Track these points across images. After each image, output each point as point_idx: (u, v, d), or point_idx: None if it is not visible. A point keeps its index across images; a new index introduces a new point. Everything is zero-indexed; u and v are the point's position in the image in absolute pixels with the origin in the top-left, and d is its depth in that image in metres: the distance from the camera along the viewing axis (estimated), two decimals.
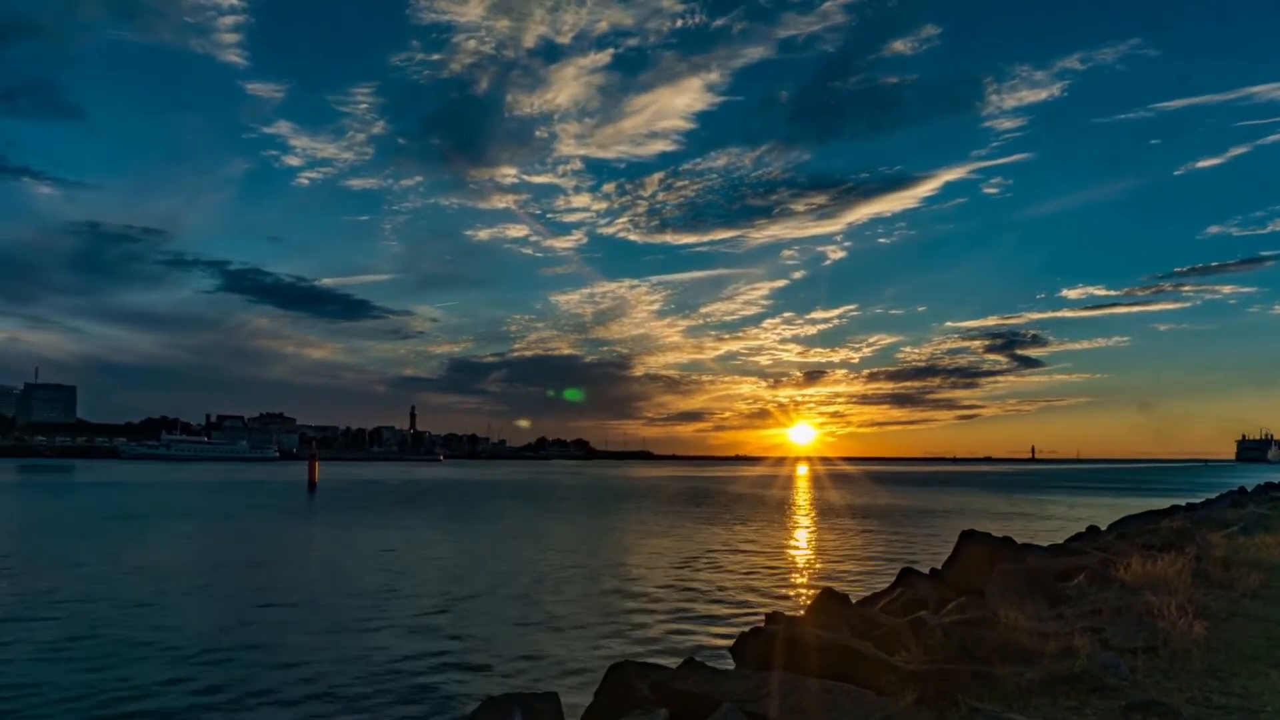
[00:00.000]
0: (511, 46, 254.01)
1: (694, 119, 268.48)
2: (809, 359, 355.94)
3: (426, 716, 12.30)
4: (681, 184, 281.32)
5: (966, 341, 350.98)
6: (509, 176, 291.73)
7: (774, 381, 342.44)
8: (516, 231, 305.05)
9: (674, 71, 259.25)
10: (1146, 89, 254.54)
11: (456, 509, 58.43)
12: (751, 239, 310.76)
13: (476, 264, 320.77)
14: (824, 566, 29.38)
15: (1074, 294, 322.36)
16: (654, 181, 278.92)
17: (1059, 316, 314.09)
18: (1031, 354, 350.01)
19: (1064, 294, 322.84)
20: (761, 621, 8.74)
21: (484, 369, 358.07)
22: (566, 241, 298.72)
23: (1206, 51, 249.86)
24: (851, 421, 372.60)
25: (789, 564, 30.15)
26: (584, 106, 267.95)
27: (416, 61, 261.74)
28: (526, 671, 14.52)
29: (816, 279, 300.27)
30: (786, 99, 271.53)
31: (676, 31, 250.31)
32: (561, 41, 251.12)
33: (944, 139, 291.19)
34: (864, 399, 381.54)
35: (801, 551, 34.56)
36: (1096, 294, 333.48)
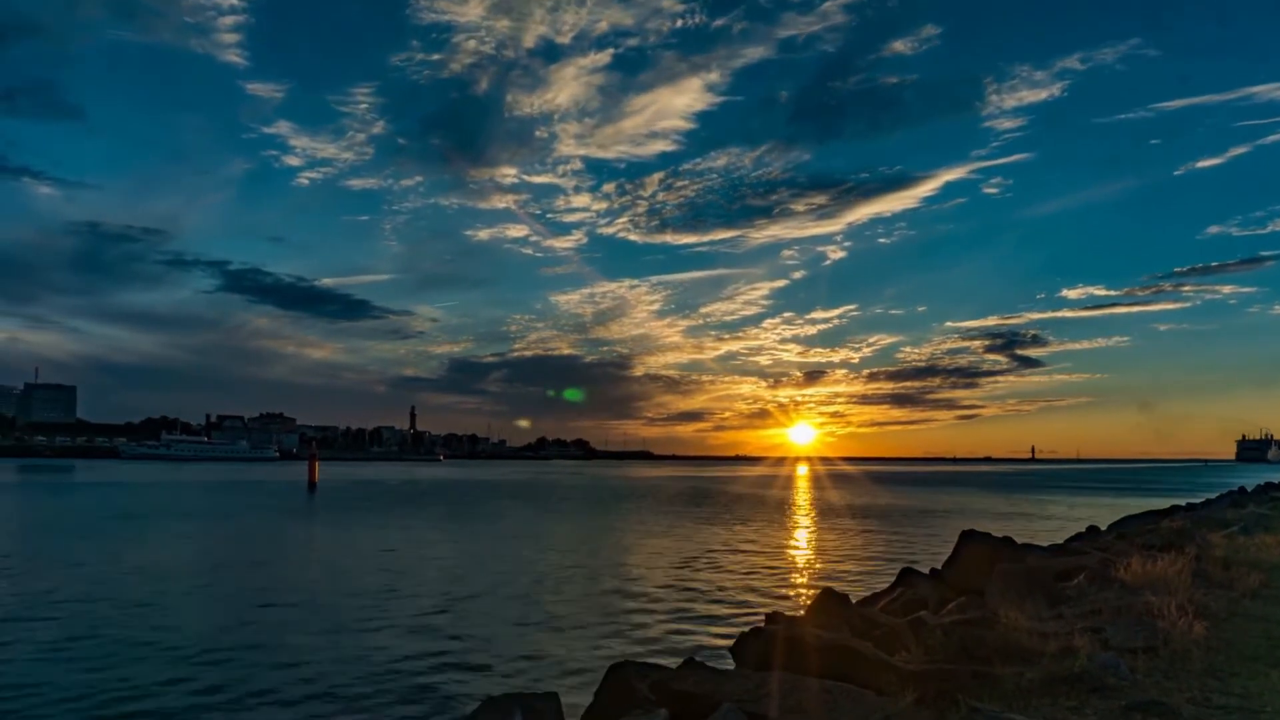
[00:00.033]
0: (511, 46, 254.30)
1: (694, 119, 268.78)
2: (809, 359, 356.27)
3: (427, 716, 12.30)
4: (681, 184, 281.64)
5: (966, 341, 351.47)
6: (509, 176, 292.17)
7: (774, 381, 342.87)
8: (516, 231, 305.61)
9: (674, 71, 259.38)
10: (1146, 89, 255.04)
11: (457, 509, 58.43)
12: (751, 239, 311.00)
13: (476, 264, 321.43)
14: (824, 566, 29.38)
15: (1074, 294, 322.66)
16: (654, 181, 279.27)
17: (1059, 316, 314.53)
18: (1031, 354, 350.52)
19: (1064, 294, 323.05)
20: (761, 621, 8.75)
21: (484, 369, 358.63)
22: (566, 241, 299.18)
23: (1206, 51, 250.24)
24: (851, 421, 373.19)
25: (789, 564, 30.15)
26: (584, 106, 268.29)
27: (416, 61, 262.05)
28: (526, 671, 14.52)
29: (816, 279, 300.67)
30: (786, 99, 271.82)
31: (676, 31, 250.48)
32: (561, 41, 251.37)
33: (944, 139, 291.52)
34: (864, 399, 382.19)
35: (801, 551, 34.56)
36: (1096, 294, 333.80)
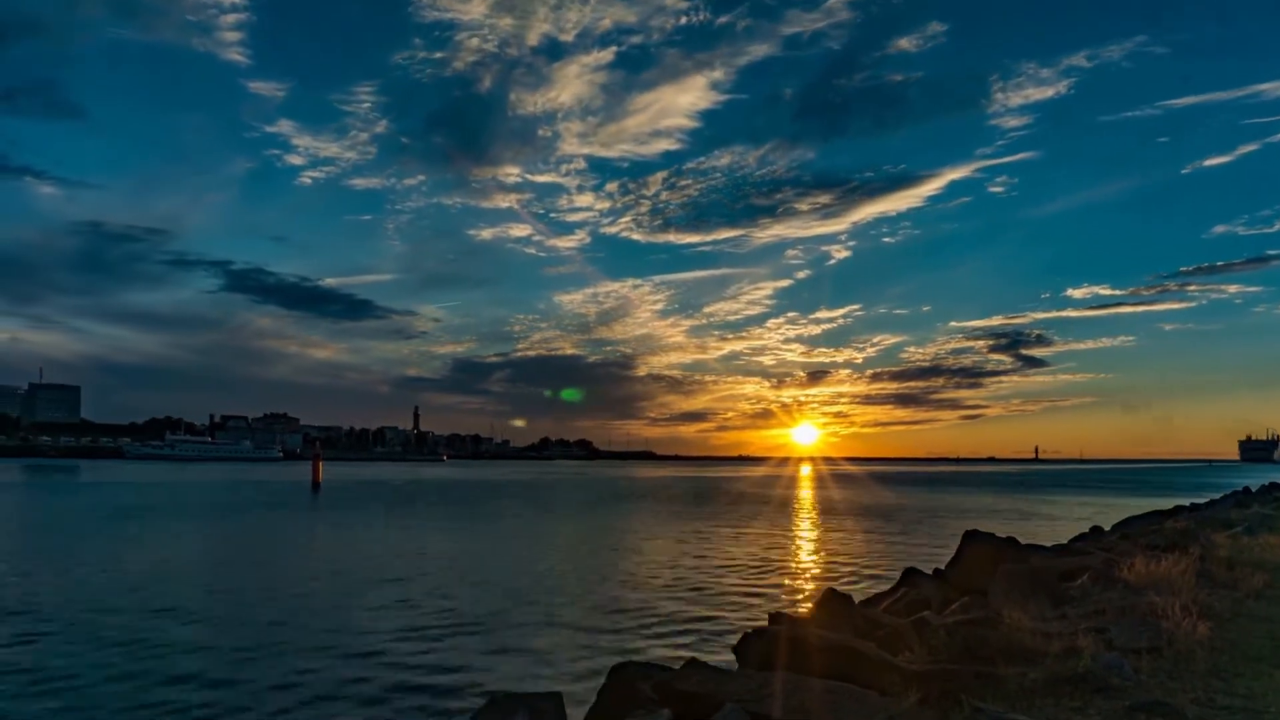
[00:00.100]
0: (514, 44, 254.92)
1: (698, 117, 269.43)
2: (813, 359, 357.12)
3: (430, 716, 12.31)
4: (685, 183, 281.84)
5: (971, 341, 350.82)
6: (512, 176, 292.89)
7: (777, 381, 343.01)
8: (519, 231, 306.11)
9: (678, 69, 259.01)
10: (1154, 87, 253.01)
11: (460, 509, 58.47)
12: (755, 238, 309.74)
13: (479, 264, 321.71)
14: (827, 566, 29.37)
15: (1079, 293, 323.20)
16: (657, 180, 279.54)
17: (1064, 316, 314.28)
18: (1036, 354, 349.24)
19: (1069, 293, 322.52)
20: (764, 621, 8.74)
21: (487, 369, 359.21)
22: (569, 241, 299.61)
23: (1214, 49, 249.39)
24: (855, 422, 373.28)
25: (792, 564, 30.14)
26: (587, 105, 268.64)
27: (419, 60, 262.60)
28: (529, 671, 14.52)
29: (820, 279, 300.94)
30: (791, 97, 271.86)
31: (680, 29, 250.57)
32: (565, 39, 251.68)
33: (949, 137, 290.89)
34: (868, 399, 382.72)
35: (804, 551, 34.53)
36: (1101, 293, 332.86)
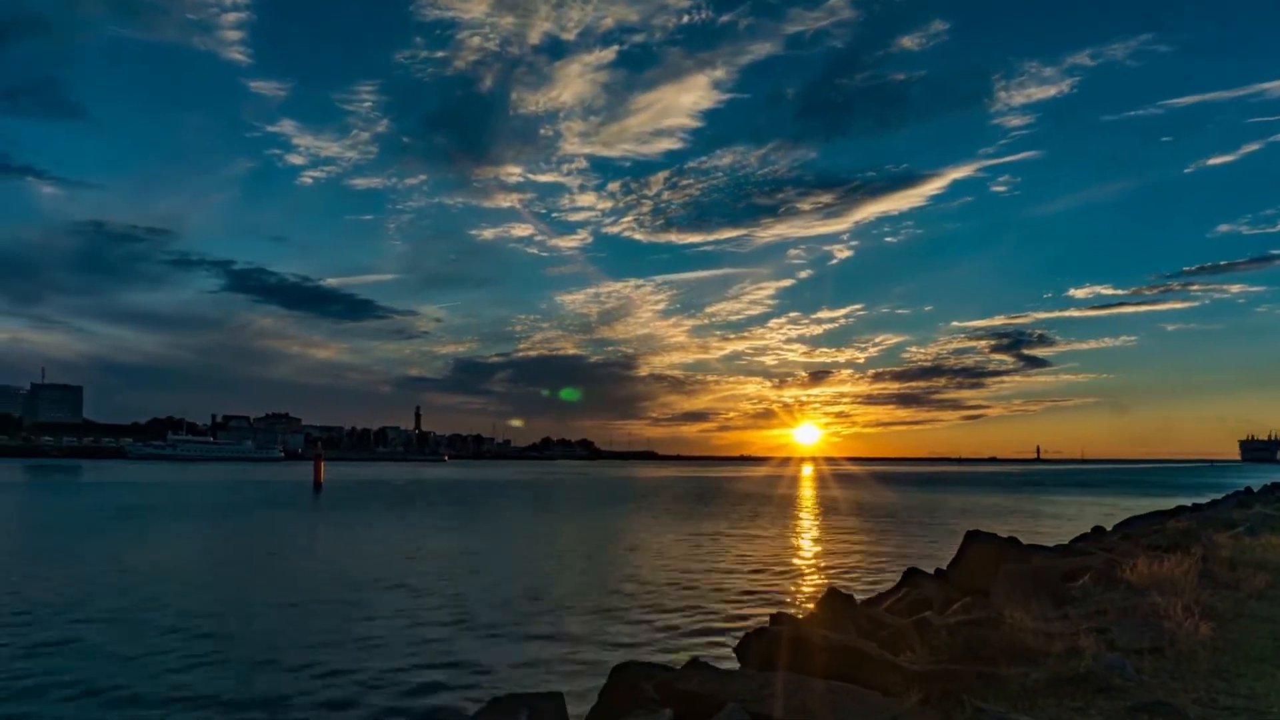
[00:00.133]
0: (516, 43, 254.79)
1: (700, 116, 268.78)
2: (814, 359, 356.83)
3: (432, 716, 12.32)
4: (687, 183, 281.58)
5: (972, 341, 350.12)
6: (513, 175, 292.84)
7: (779, 381, 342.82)
8: (521, 231, 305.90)
9: (680, 68, 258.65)
10: (1157, 85, 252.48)
11: (461, 509, 58.51)
12: (757, 238, 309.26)
13: (481, 263, 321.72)
14: (829, 566, 29.36)
15: (1081, 293, 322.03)
16: (659, 180, 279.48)
17: (1066, 316, 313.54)
18: (1038, 354, 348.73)
19: (1071, 293, 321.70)
20: (766, 621, 8.75)
21: (489, 369, 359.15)
22: (571, 241, 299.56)
23: (1218, 48, 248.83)
24: (857, 422, 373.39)
25: (794, 564, 30.13)
26: (589, 104, 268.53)
27: (420, 59, 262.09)
28: (531, 671, 14.53)
29: (822, 278, 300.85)
30: (793, 96, 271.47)
31: (682, 28, 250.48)
32: (566, 38, 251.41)
33: (952, 136, 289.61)
34: (869, 399, 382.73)
35: (806, 551, 34.52)
36: (1104, 293, 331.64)
